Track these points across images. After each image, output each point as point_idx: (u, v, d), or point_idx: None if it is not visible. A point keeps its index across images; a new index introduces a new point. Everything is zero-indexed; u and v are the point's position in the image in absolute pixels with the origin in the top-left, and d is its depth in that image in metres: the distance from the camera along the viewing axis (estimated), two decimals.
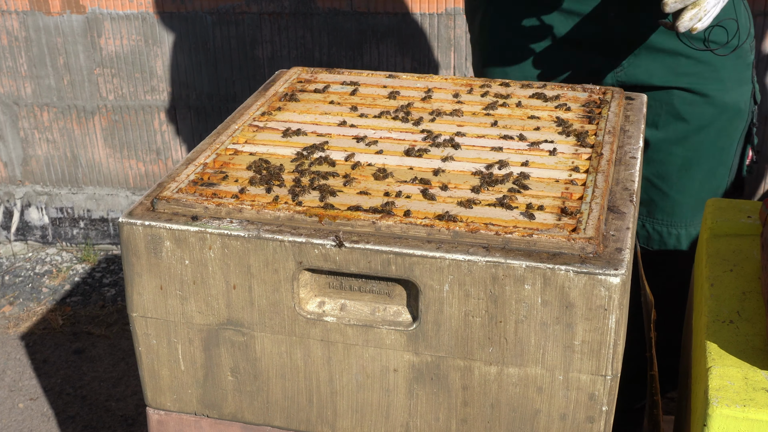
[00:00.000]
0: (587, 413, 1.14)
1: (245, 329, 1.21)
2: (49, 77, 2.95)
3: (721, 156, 1.73)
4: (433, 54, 2.72)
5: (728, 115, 1.68)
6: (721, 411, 1.09)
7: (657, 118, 1.70)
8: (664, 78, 1.67)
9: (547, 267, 1.08)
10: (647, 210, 1.79)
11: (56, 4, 2.84)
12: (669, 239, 1.79)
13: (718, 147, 1.71)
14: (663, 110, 1.70)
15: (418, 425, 1.22)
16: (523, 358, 1.13)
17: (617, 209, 1.20)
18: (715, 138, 1.70)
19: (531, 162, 1.29)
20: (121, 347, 2.64)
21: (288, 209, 1.17)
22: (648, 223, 1.79)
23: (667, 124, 1.71)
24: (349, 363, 1.20)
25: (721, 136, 1.71)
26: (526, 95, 1.52)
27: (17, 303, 2.88)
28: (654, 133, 1.73)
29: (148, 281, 1.21)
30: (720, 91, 1.67)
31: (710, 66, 1.65)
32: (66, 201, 3.13)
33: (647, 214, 1.79)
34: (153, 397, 1.30)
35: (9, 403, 2.44)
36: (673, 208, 1.76)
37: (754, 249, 1.37)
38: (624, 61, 1.67)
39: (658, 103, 1.70)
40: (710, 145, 1.71)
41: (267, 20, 2.76)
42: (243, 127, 1.41)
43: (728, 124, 1.70)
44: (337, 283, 1.19)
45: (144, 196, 1.24)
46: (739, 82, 1.68)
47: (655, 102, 1.70)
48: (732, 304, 1.26)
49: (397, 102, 1.50)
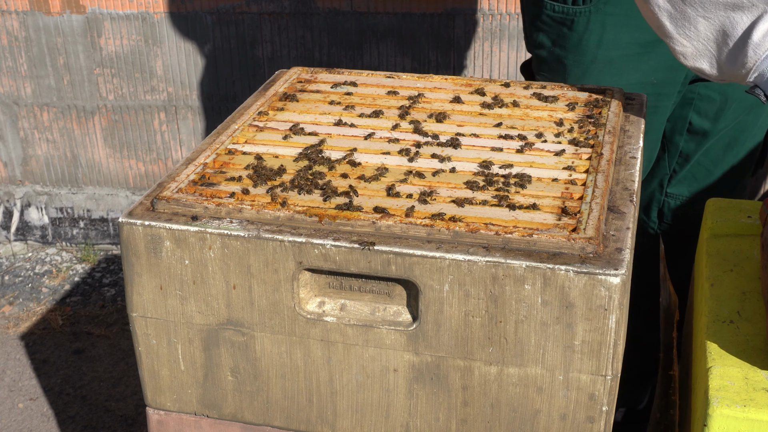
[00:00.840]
0: (587, 413, 1.14)
1: (245, 329, 1.21)
2: (49, 77, 2.95)
3: (760, 135, 1.75)
4: (433, 54, 2.72)
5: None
6: (722, 411, 1.09)
7: (719, 111, 1.72)
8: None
9: (547, 267, 1.08)
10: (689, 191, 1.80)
11: (56, 4, 2.84)
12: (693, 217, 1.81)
13: (760, 127, 1.74)
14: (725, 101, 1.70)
15: (418, 425, 1.22)
16: (523, 358, 1.13)
17: (617, 209, 1.20)
18: (761, 118, 1.73)
19: (531, 162, 1.29)
20: (121, 347, 2.64)
21: (288, 209, 1.17)
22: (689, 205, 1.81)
23: (727, 114, 1.72)
24: (349, 363, 1.20)
25: (765, 116, 1.73)
26: (526, 95, 1.52)
27: (17, 303, 2.88)
28: (713, 125, 1.74)
29: (148, 281, 1.21)
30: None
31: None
32: (66, 201, 3.13)
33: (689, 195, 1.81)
34: (153, 397, 1.30)
35: (9, 403, 2.43)
36: (715, 185, 1.78)
37: (754, 249, 1.37)
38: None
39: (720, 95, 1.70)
40: (755, 126, 1.73)
41: (267, 20, 2.76)
42: (243, 127, 1.41)
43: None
44: (337, 283, 1.19)
45: (144, 196, 1.24)
46: None
47: (716, 93, 1.70)
48: (732, 304, 1.26)
49: (397, 102, 1.50)
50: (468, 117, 1.44)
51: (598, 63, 1.66)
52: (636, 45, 1.64)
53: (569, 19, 1.66)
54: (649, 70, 1.67)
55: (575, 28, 1.66)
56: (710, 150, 1.76)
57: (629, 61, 1.66)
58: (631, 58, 1.65)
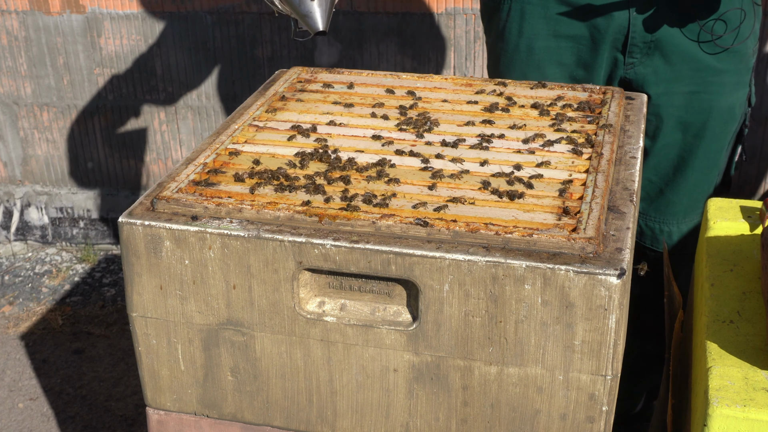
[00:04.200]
0: (587, 413, 1.14)
1: (245, 329, 1.21)
2: (49, 77, 2.95)
3: (715, 158, 1.77)
4: (433, 54, 2.72)
5: (723, 119, 1.72)
6: (721, 411, 1.09)
7: (657, 130, 1.73)
8: (668, 79, 1.68)
9: (547, 267, 1.08)
10: (642, 207, 1.83)
11: (56, 4, 2.84)
12: (660, 236, 1.83)
13: (712, 150, 1.75)
14: (663, 120, 1.72)
15: (418, 425, 1.22)
16: (523, 358, 1.13)
17: (617, 209, 1.20)
18: (710, 141, 1.74)
19: (531, 161, 1.29)
20: (121, 347, 2.64)
21: (288, 209, 1.17)
22: (641, 220, 1.84)
23: (666, 133, 1.74)
24: (349, 363, 1.20)
25: (716, 140, 1.74)
26: (526, 95, 1.52)
27: (17, 303, 2.88)
28: (651, 144, 1.76)
29: (148, 281, 1.21)
30: (718, 95, 1.69)
31: (712, 70, 1.66)
32: (66, 201, 3.13)
33: (642, 211, 1.83)
34: (153, 397, 1.30)
35: (9, 403, 2.44)
36: (666, 206, 1.81)
37: (754, 249, 1.37)
38: (635, 59, 1.68)
39: (656, 113, 1.72)
40: (705, 148, 1.74)
41: (267, 20, 2.76)
42: (243, 127, 1.41)
43: (723, 127, 1.73)
44: (337, 283, 1.19)
45: (144, 196, 1.24)
46: (736, 86, 1.70)
47: (654, 110, 1.72)
48: (732, 304, 1.26)
49: (397, 102, 1.50)
50: (468, 117, 1.44)
51: (521, 53, 1.72)
52: (554, 37, 1.69)
53: (497, 6, 1.74)
54: (571, 66, 1.71)
55: (500, 16, 1.73)
56: (659, 169, 1.78)
57: (550, 53, 1.71)
58: (552, 51, 1.70)
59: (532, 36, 1.70)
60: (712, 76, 1.67)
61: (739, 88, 1.71)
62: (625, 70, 1.69)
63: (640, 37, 1.65)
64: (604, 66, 1.70)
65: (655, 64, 1.67)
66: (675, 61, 1.66)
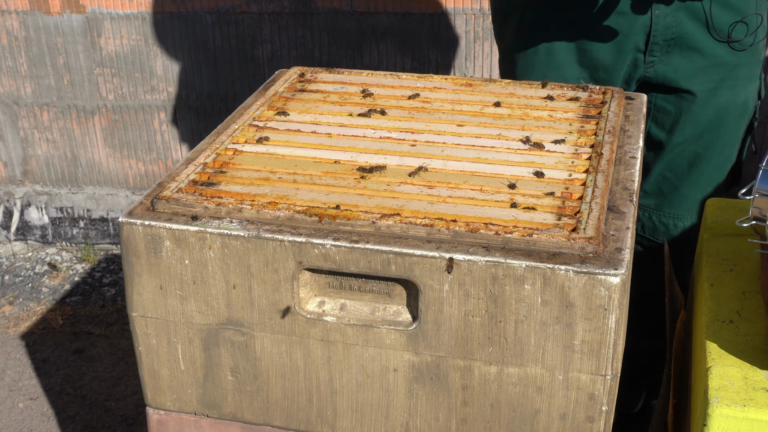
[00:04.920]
0: (587, 413, 1.14)
1: (245, 329, 1.21)
2: (49, 77, 2.95)
3: (729, 152, 1.77)
4: (433, 54, 2.72)
5: (738, 114, 1.73)
6: (721, 411, 1.09)
7: (674, 125, 1.73)
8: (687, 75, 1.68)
9: (547, 267, 1.08)
10: (656, 203, 1.82)
11: (56, 4, 2.84)
12: (675, 231, 1.83)
13: (727, 144, 1.76)
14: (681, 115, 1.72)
15: (418, 425, 1.22)
16: (523, 358, 1.13)
17: (617, 209, 1.20)
18: (726, 136, 1.74)
19: (531, 161, 1.29)
20: (121, 347, 2.64)
21: (288, 209, 1.18)
22: (656, 216, 1.83)
23: (684, 129, 1.74)
24: (349, 363, 1.20)
25: (731, 134, 1.75)
26: (526, 95, 1.52)
27: (17, 303, 2.88)
28: (668, 139, 1.75)
29: (148, 281, 1.21)
30: (733, 90, 1.70)
31: (729, 65, 1.68)
32: (66, 201, 3.13)
33: (655, 207, 1.83)
34: (153, 396, 1.30)
35: (9, 403, 2.44)
36: (681, 201, 1.81)
37: (754, 249, 1.37)
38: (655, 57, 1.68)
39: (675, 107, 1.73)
40: (721, 143, 1.75)
41: (267, 20, 2.76)
42: (243, 126, 1.41)
43: (736, 122, 1.74)
44: (337, 282, 1.19)
45: (144, 196, 1.24)
46: (749, 80, 1.72)
47: (672, 106, 1.73)
48: (732, 304, 1.26)
49: (397, 102, 1.50)
50: (468, 117, 1.44)
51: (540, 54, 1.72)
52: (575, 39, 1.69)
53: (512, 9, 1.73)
54: (591, 68, 1.71)
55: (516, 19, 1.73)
56: (673, 165, 1.78)
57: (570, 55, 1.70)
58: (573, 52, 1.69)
59: (551, 38, 1.70)
60: (729, 71, 1.69)
61: (751, 81, 1.72)
62: (645, 68, 1.69)
63: (661, 35, 1.65)
64: (625, 67, 1.70)
65: (674, 62, 1.68)
66: (694, 57, 1.67)
